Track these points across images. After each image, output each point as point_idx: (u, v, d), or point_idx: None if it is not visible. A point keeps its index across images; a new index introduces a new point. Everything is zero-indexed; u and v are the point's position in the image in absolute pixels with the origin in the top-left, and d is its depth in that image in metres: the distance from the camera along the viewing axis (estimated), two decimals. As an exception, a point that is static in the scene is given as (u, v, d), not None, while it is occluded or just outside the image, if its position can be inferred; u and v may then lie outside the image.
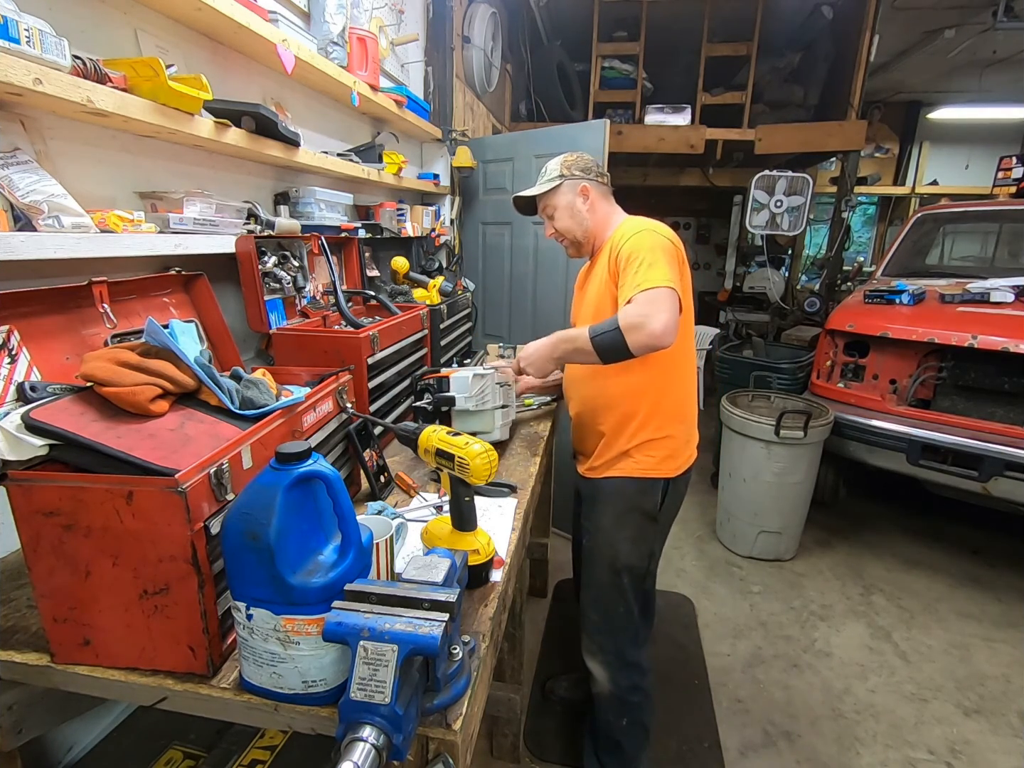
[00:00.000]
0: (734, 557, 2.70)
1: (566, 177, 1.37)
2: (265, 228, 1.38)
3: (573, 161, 1.39)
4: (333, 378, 1.05)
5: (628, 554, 1.36)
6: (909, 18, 3.90)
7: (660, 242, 1.22)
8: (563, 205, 1.38)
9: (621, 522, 1.36)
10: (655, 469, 1.33)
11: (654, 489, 1.34)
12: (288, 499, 0.61)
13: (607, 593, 1.40)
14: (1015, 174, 3.76)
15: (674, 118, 4.00)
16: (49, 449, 0.67)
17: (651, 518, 1.35)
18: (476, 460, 0.84)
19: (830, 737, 1.74)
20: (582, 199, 1.37)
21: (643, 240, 1.22)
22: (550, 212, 1.41)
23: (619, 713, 1.43)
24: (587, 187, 1.37)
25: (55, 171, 0.94)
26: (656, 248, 1.20)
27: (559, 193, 1.38)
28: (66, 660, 0.71)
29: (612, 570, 1.37)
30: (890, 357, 2.58)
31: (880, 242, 6.72)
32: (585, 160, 1.40)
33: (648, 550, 1.39)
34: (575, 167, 1.38)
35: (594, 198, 1.37)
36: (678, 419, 1.35)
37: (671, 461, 1.34)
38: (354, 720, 0.56)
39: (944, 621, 2.27)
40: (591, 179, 1.38)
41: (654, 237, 1.23)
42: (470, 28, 2.85)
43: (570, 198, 1.38)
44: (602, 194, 1.39)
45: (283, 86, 1.57)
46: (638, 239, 1.22)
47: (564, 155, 1.40)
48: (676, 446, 1.34)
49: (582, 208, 1.37)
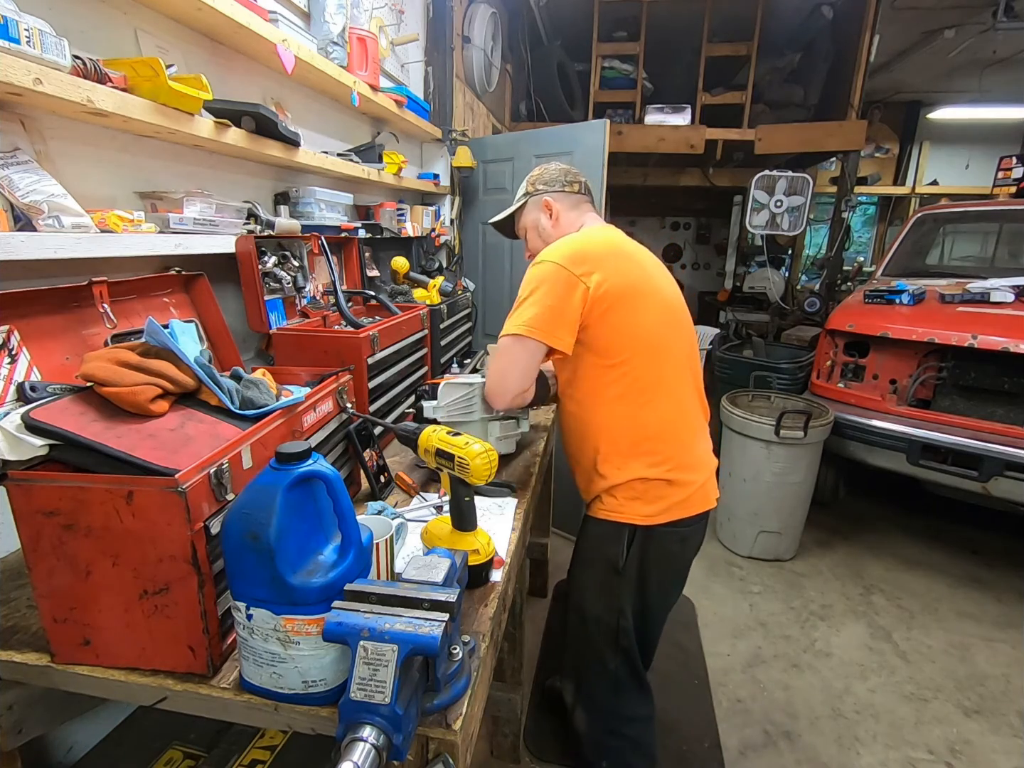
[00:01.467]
0: (734, 557, 2.70)
1: (530, 194, 1.30)
2: (265, 228, 1.38)
3: (538, 176, 1.31)
4: (333, 378, 1.05)
5: (593, 604, 1.24)
6: (909, 18, 3.90)
7: (546, 275, 1.10)
8: (530, 225, 1.31)
9: (586, 568, 1.26)
10: (617, 512, 1.16)
11: (618, 536, 1.17)
12: (288, 499, 0.61)
13: (577, 640, 1.30)
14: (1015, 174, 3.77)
15: (674, 118, 3.99)
16: (49, 449, 0.67)
17: (614, 569, 1.18)
18: (476, 460, 0.84)
19: (830, 737, 1.74)
20: (546, 215, 1.28)
21: (532, 274, 1.13)
22: (521, 234, 1.34)
23: (597, 753, 1.33)
24: (548, 201, 1.27)
25: (55, 171, 0.94)
26: (540, 284, 1.10)
27: (525, 212, 1.32)
28: (66, 660, 0.71)
29: (579, 614, 1.27)
30: (890, 357, 2.58)
31: (880, 242, 6.71)
32: (550, 172, 1.30)
33: (615, 605, 1.21)
34: (539, 181, 1.30)
35: (558, 211, 1.28)
36: (645, 458, 1.13)
37: (641, 505, 1.14)
38: (354, 720, 0.56)
39: (944, 621, 2.27)
40: (556, 190, 1.28)
41: (544, 269, 1.11)
42: (470, 28, 2.85)
43: (534, 215, 1.30)
44: (570, 204, 1.29)
45: (283, 86, 1.57)
46: (529, 273, 1.14)
47: (534, 171, 1.33)
48: (647, 489, 1.14)
49: (547, 225, 1.28)
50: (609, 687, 1.28)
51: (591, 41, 4.06)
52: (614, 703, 1.29)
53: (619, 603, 1.21)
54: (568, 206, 1.28)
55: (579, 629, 1.28)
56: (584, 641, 1.27)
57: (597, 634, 1.25)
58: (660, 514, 1.15)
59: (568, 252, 1.12)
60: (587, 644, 1.27)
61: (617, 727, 1.30)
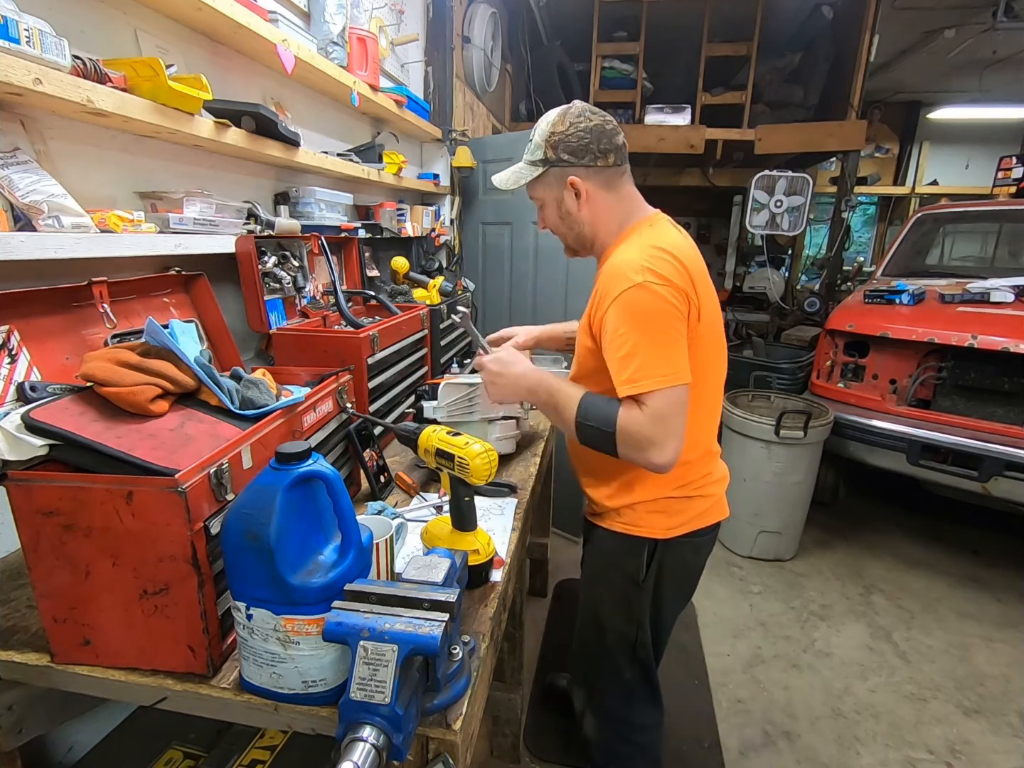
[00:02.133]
0: (734, 557, 2.69)
1: (551, 162, 1.02)
2: (265, 228, 1.38)
3: (562, 135, 0.99)
4: (333, 378, 1.05)
5: (611, 614, 1.19)
6: (909, 18, 3.90)
7: (654, 306, 0.91)
8: (549, 199, 1.07)
9: (601, 578, 1.20)
10: (636, 525, 1.11)
11: (638, 550, 1.12)
12: (288, 499, 0.61)
13: (591, 651, 1.25)
14: (1015, 174, 3.77)
15: (674, 118, 3.99)
16: (49, 449, 0.67)
17: (634, 583, 1.14)
18: (476, 460, 0.85)
19: (830, 737, 1.74)
20: (571, 195, 1.03)
21: (634, 305, 0.91)
22: (538, 202, 1.10)
23: (607, 758, 1.30)
24: (576, 180, 1.01)
25: (55, 171, 0.94)
26: (653, 320, 0.91)
27: (543, 183, 1.05)
28: (66, 660, 0.71)
29: (596, 626, 1.22)
30: (890, 357, 2.58)
31: (880, 242, 6.71)
32: (578, 131, 0.99)
33: (634, 617, 1.17)
34: (564, 147, 1.00)
35: (591, 191, 1.02)
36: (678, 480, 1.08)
37: (662, 518, 1.10)
38: (354, 720, 0.56)
39: (944, 621, 2.27)
40: (585, 164, 1.00)
41: (649, 297, 0.90)
42: (470, 28, 2.85)
43: (556, 192, 1.05)
44: (603, 182, 1.03)
45: (283, 86, 1.57)
46: (628, 301, 0.91)
47: (554, 115, 1.02)
48: (670, 504, 1.10)
49: (572, 207, 1.04)
50: (623, 697, 1.24)
51: (591, 41, 4.05)
52: (627, 712, 1.26)
53: (638, 615, 1.17)
54: (601, 184, 1.03)
55: (595, 641, 1.23)
56: (599, 652, 1.23)
57: (614, 646, 1.20)
58: (679, 527, 1.10)
59: (671, 263, 0.94)
60: (602, 655, 1.23)
61: (628, 734, 1.27)
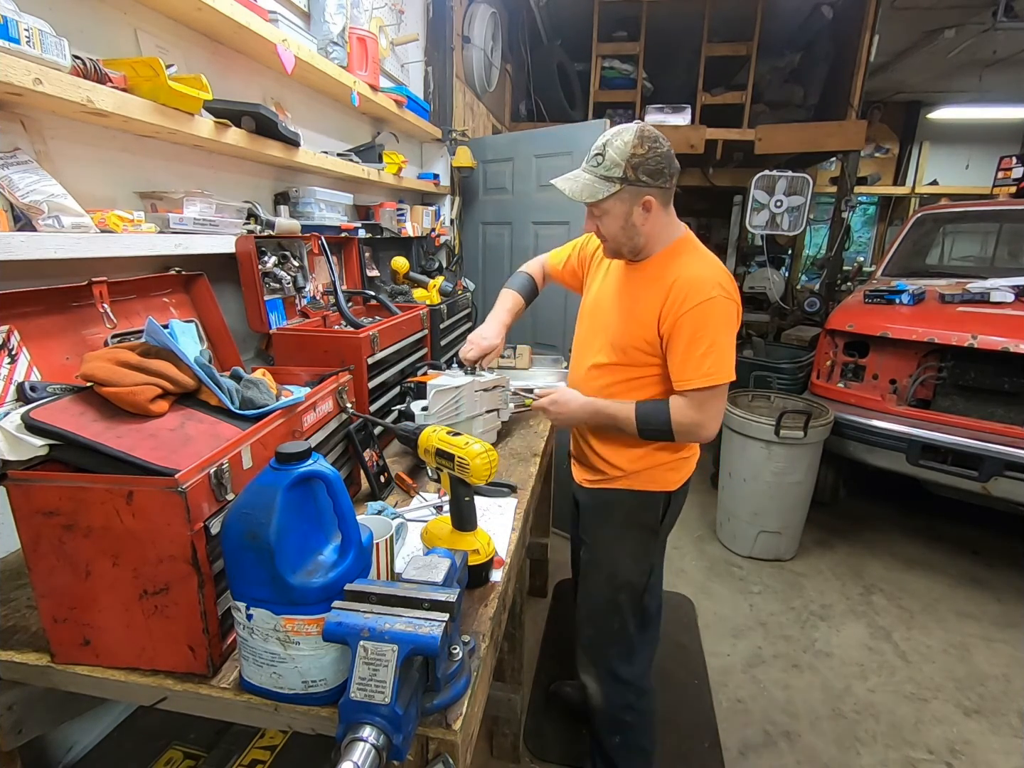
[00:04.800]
0: (734, 557, 2.70)
1: (630, 181, 1.07)
2: (265, 228, 1.38)
3: (642, 157, 1.05)
4: (333, 378, 1.05)
5: (628, 570, 1.31)
6: (909, 18, 3.90)
7: (729, 315, 1.10)
8: (617, 213, 1.12)
9: (621, 537, 1.31)
10: (655, 482, 1.27)
11: (655, 503, 1.28)
12: (288, 499, 0.61)
13: (603, 608, 1.35)
14: (1015, 174, 3.76)
15: (674, 118, 3.99)
16: (49, 449, 0.67)
17: (652, 532, 1.30)
18: (476, 460, 0.85)
19: (830, 737, 1.74)
20: (642, 211, 1.10)
21: (714, 313, 1.08)
22: (597, 212, 1.15)
23: (611, 731, 1.39)
24: (651, 201, 1.09)
25: (55, 171, 0.94)
26: (726, 327, 1.10)
27: (616, 198, 1.10)
28: (66, 660, 0.71)
29: (611, 586, 1.32)
30: (890, 357, 2.58)
31: (880, 242, 6.72)
32: (657, 156, 1.06)
33: (648, 565, 1.32)
34: (644, 169, 1.06)
35: (656, 209, 1.11)
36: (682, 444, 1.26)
37: (673, 474, 1.28)
38: (354, 720, 0.56)
39: (944, 621, 2.27)
40: (659, 185, 1.09)
41: (726, 308, 1.09)
42: (470, 28, 2.85)
43: (627, 208, 1.10)
44: (665, 200, 1.14)
45: (283, 86, 1.57)
46: (709, 309, 1.08)
47: (630, 137, 1.06)
48: (678, 463, 1.28)
49: (638, 221, 1.11)
50: (626, 653, 1.35)
51: (591, 41, 4.06)
52: (629, 671, 1.35)
53: (650, 562, 1.32)
54: (663, 202, 1.13)
55: (608, 597, 1.32)
56: (612, 608, 1.32)
57: (625, 598, 1.31)
58: (682, 479, 1.29)
59: (732, 284, 1.12)
60: (614, 610, 1.32)
61: (633, 701, 1.36)
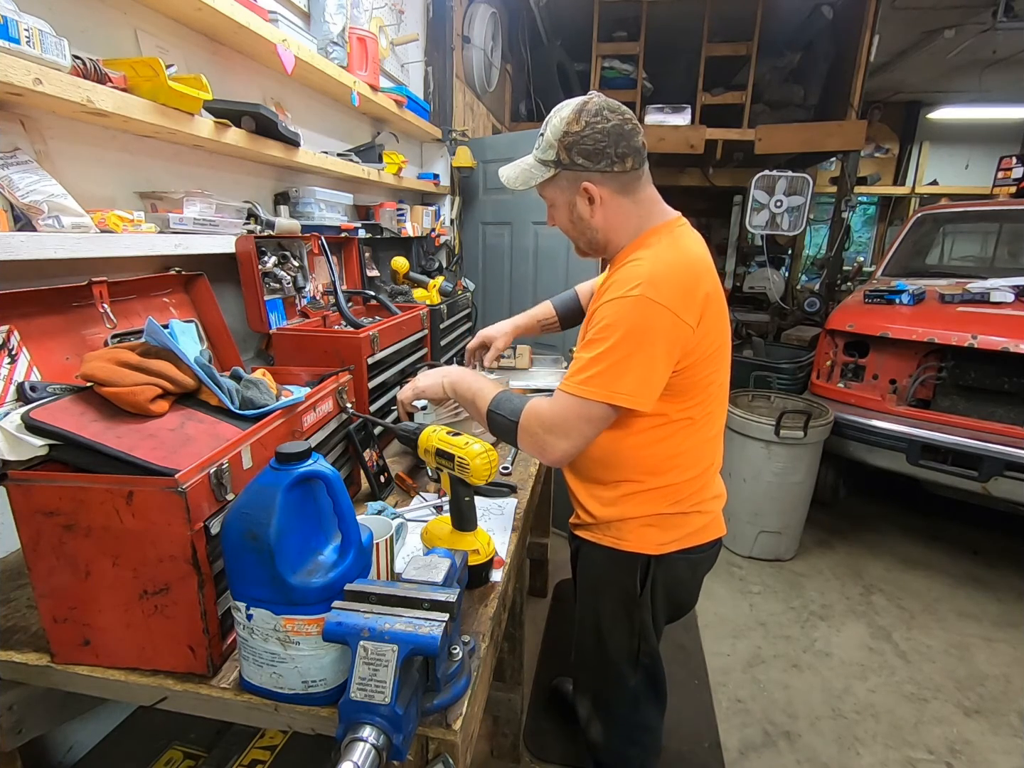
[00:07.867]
0: (734, 557, 2.69)
1: (563, 165, 0.95)
2: (265, 228, 1.37)
3: (576, 136, 0.92)
4: (333, 378, 1.05)
5: (610, 629, 1.15)
6: (909, 18, 3.90)
7: (647, 321, 0.87)
8: (560, 201, 1.01)
9: (595, 593, 1.17)
10: (626, 541, 1.06)
11: (631, 565, 1.08)
12: (288, 499, 0.61)
13: (593, 661, 1.21)
14: (1015, 174, 3.77)
15: (674, 118, 3.99)
16: (49, 449, 0.67)
17: (631, 598, 1.10)
18: (476, 460, 0.85)
19: (830, 737, 1.74)
20: (584, 202, 0.97)
21: (625, 314, 0.87)
22: (548, 201, 1.04)
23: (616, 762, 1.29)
24: (590, 187, 0.95)
25: (55, 171, 0.94)
26: (640, 335, 0.87)
27: (554, 185, 0.99)
28: (66, 660, 0.71)
29: (596, 638, 1.18)
30: (890, 357, 2.58)
31: (880, 242, 6.71)
32: (597, 133, 0.91)
33: (635, 629, 1.13)
34: (578, 150, 0.92)
35: (606, 197, 0.96)
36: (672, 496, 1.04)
37: (655, 533, 1.05)
38: (354, 720, 0.56)
39: (944, 621, 2.27)
40: (601, 169, 0.93)
41: (645, 312, 0.87)
42: (470, 28, 2.85)
43: (568, 196, 0.99)
44: (620, 186, 0.96)
45: (283, 86, 1.57)
46: (620, 308, 0.88)
47: (567, 112, 0.93)
48: (663, 519, 1.05)
49: (585, 212, 0.98)
50: (630, 702, 1.22)
51: (591, 41, 4.05)
52: (634, 717, 1.24)
53: (638, 626, 1.13)
54: (617, 188, 0.96)
55: (596, 652, 1.19)
56: (603, 663, 1.20)
57: (617, 656, 1.17)
58: (673, 543, 1.07)
59: (677, 288, 0.89)
60: (606, 665, 1.20)
61: (637, 736, 1.26)
